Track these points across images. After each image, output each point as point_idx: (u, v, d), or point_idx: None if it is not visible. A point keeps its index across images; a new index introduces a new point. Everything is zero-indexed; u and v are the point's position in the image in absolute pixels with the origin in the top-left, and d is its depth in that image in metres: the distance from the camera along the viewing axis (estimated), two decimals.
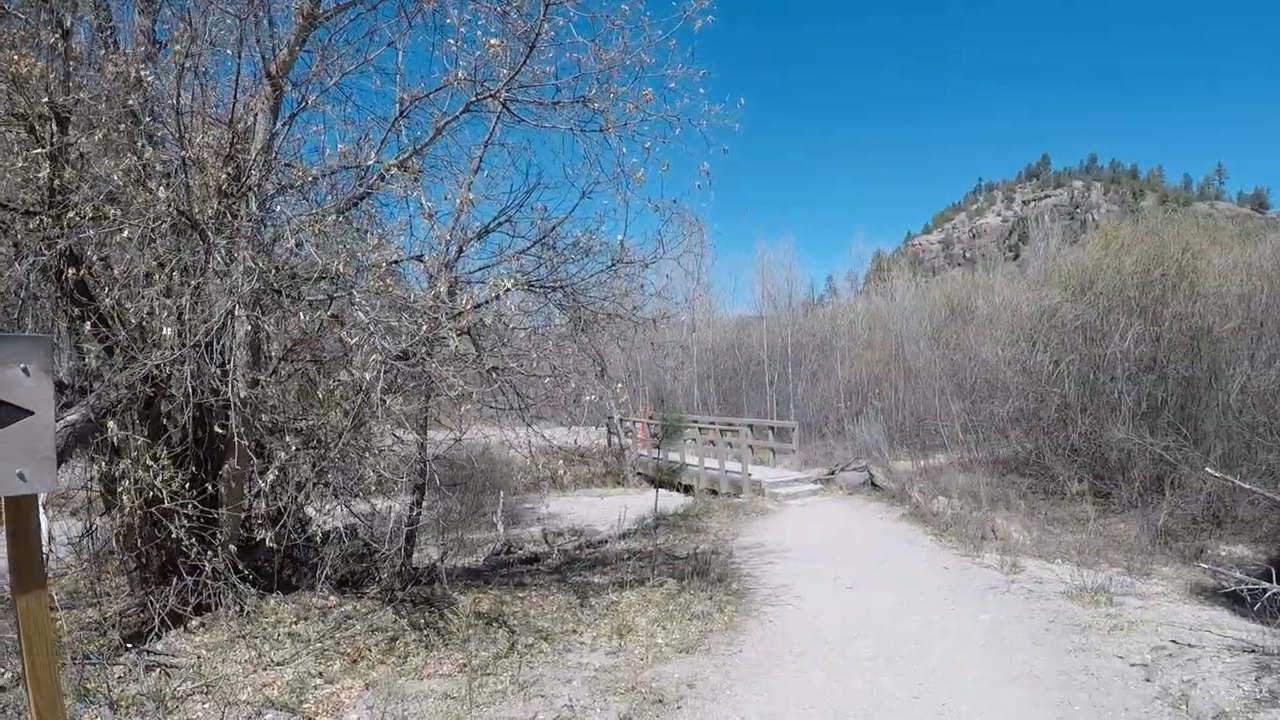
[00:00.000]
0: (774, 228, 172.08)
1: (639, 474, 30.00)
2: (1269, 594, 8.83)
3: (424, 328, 8.52)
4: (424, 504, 13.93)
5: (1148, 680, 8.18)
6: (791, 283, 43.32)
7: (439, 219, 10.93)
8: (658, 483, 15.18)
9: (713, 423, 31.25)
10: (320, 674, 8.49)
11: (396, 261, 9.69)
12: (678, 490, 25.88)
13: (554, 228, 11.25)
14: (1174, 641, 9.18)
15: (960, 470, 21.92)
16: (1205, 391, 18.76)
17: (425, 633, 9.63)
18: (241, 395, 8.92)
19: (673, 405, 37.86)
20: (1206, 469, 11.77)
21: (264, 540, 9.23)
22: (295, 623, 9.80)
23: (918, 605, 11.54)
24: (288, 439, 9.50)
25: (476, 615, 10.50)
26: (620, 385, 11.04)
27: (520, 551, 16.23)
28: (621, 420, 31.96)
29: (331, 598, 10.61)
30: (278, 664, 8.69)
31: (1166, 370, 19.31)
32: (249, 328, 8.96)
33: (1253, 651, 8.55)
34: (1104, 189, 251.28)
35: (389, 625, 9.85)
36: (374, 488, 10.27)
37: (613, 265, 11.37)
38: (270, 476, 8.98)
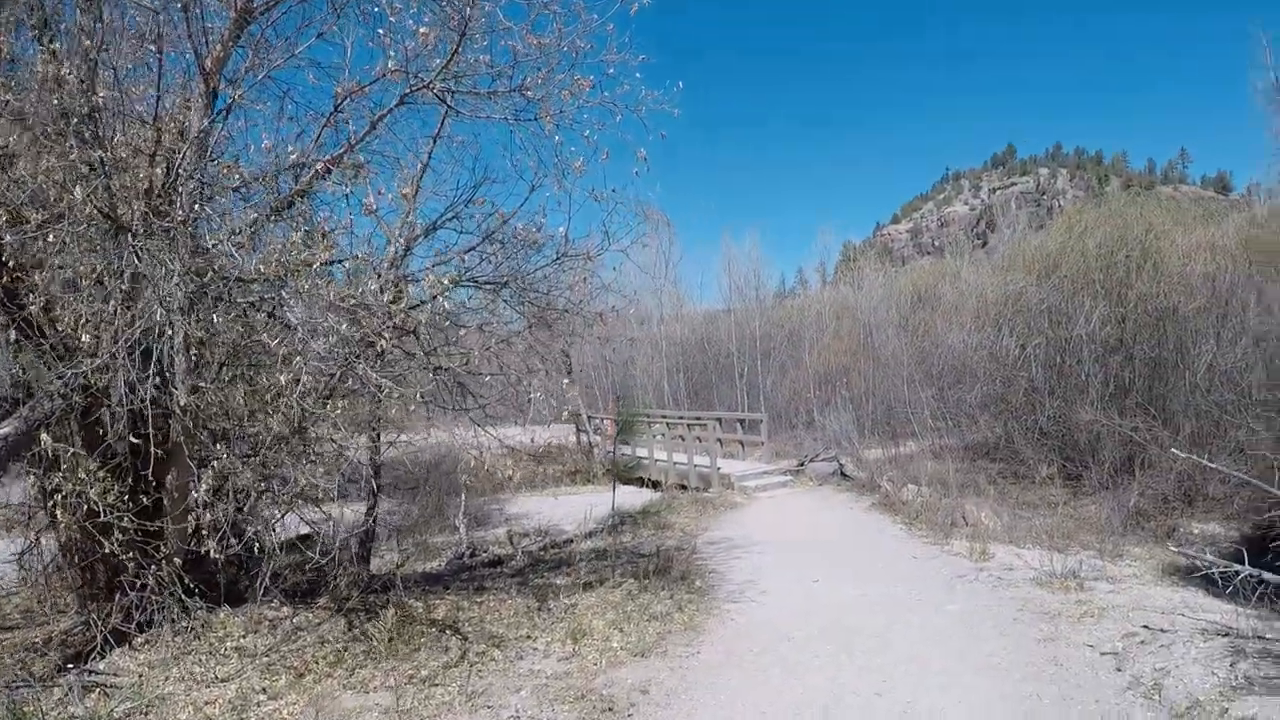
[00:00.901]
0: (741, 221, 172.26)
1: (608, 471, 29.72)
2: (1240, 575, 8.60)
3: (344, 326, 8.19)
4: (385, 508, 13.65)
5: (1119, 669, 7.94)
6: (759, 275, 43.03)
7: (386, 217, 10.67)
8: (616, 479, 14.86)
9: (681, 417, 31.00)
10: (264, 690, 8.20)
11: (335, 261, 9.37)
12: (647, 486, 25.64)
13: (504, 223, 10.95)
14: (1146, 627, 8.96)
15: (930, 457, 21.81)
16: (1172, 371, 18.69)
17: (375, 643, 9.31)
18: (181, 403, 8.64)
19: (643, 400, 37.74)
20: (1173, 450, 11.59)
21: (209, 552, 8.93)
22: (243, 636, 9.51)
23: (884, 597, 11.30)
24: (228, 446, 9.22)
25: (431, 622, 10.17)
26: (568, 381, 10.68)
27: (484, 554, 15.92)
28: (590, 417, 31.71)
29: (284, 609, 10.31)
30: (221, 680, 8.40)
31: (1133, 351, 19.22)
32: (185, 333, 8.64)
33: (1226, 635, 8.35)
34: (1069, 175, 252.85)
35: (339, 636, 9.56)
36: (321, 494, 9.99)
37: (558, 259, 11.07)
38: (204, 486, 8.65)
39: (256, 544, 9.43)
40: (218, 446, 8.88)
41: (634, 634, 9.77)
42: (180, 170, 8.52)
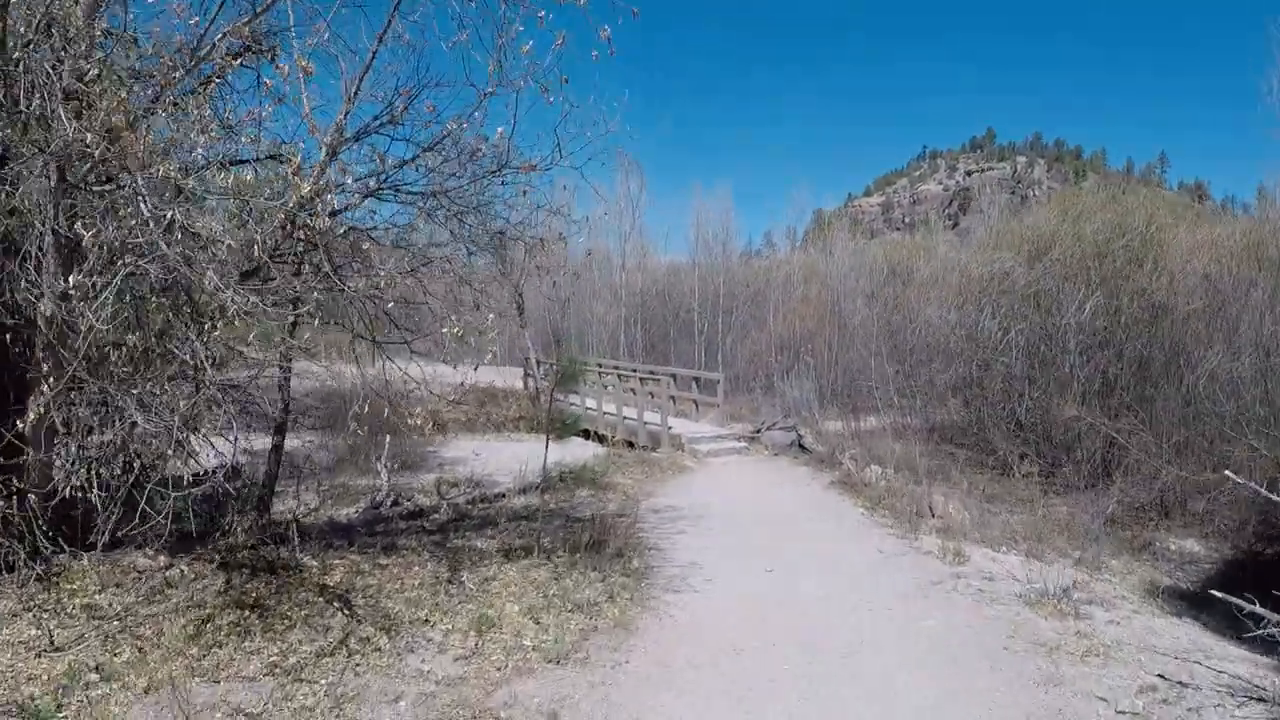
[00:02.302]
0: (711, 172, 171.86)
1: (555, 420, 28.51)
2: None
3: (215, 227, 6.69)
4: (312, 443, 12.31)
5: None
6: (728, 230, 42.31)
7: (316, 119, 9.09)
8: (550, 434, 13.53)
9: (634, 369, 29.88)
10: (98, 667, 6.71)
11: (239, 161, 7.87)
12: (593, 439, 24.53)
13: (445, 135, 9.30)
14: (1162, 677, 7.57)
15: (893, 436, 20.56)
16: (1161, 373, 17.66)
17: (247, 613, 7.84)
18: (47, 313, 7.19)
19: (597, 349, 36.78)
20: (1227, 472, 10.22)
21: (71, 489, 7.47)
22: (99, 591, 8.06)
23: (849, 600, 9.87)
24: (101, 368, 7.75)
25: (321, 589, 8.67)
26: (493, 317, 9.03)
27: (406, 504, 14.52)
28: (539, 362, 30.38)
29: (160, 558, 8.82)
30: (55, 649, 6.93)
31: (1124, 348, 18.11)
32: (54, 229, 7.17)
33: (1262, 700, 6.99)
34: (1047, 166, 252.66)
35: (210, 599, 8.09)
36: (206, 427, 8.54)
37: (499, 170, 9.44)
38: (32, 415, 7.13)
39: (105, 482, 7.94)
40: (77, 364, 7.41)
41: (552, 628, 8.25)
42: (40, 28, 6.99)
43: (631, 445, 23.26)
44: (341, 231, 8.47)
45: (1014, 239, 23.26)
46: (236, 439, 8.86)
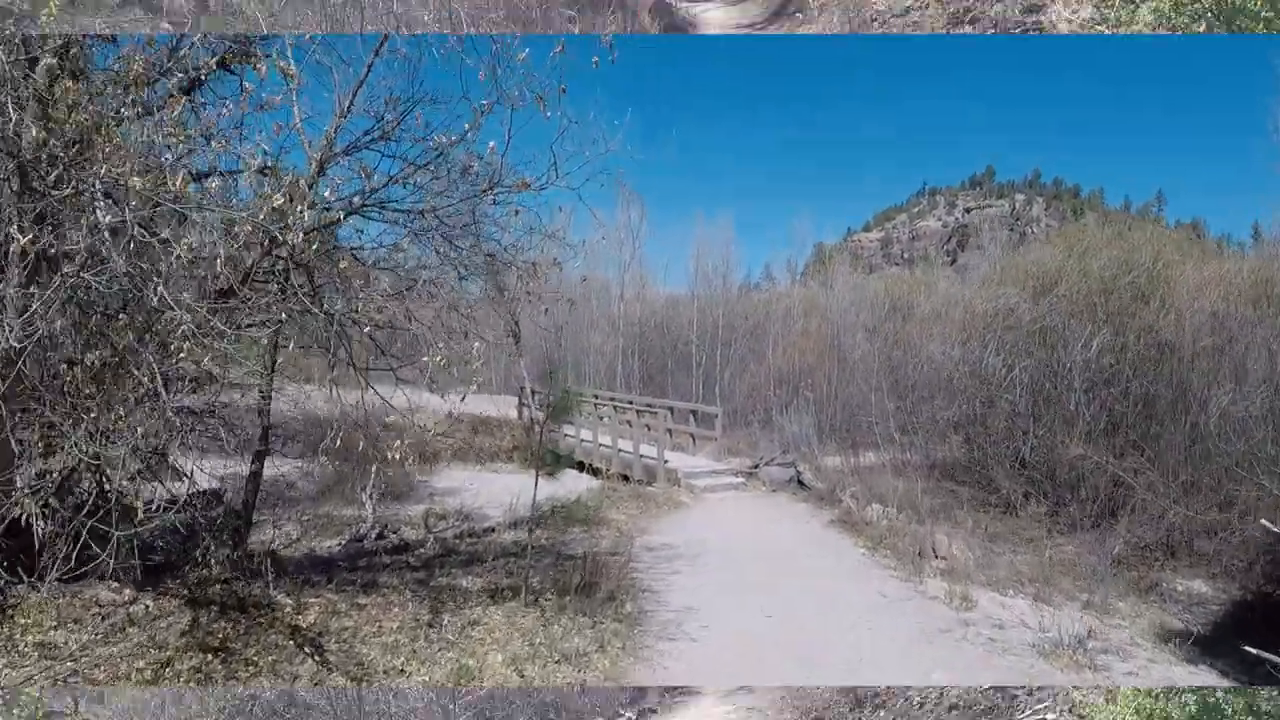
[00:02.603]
0: (713, 201, 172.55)
1: (550, 452, 28.01)
2: None
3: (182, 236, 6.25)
4: (297, 470, 11.89)
5: None
6: (728, 262, 42.30)
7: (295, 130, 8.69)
8: (539, 468, 13.11)
9: (630, 402, 29.65)
10: (47, 716, 6.25)
11: (206, 174, 7.49)
12: (586, 472, 24.07)
13: (438, 153, 8.91)
14: None
15: (893, 473, 20.22)
16: (1167, 411, 17.33)
17: (210, 657, 7.37)
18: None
19: (594, 380, 36.52)
20: (1263, 521, 9.91)
21: (24, 516, 7.02)
22: (54, 627, 7.57)
23: (854, 649, 9.41)
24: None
25: (293, 631, 8.20)
26: (478, 345, 8.57)
27: (392, 537, 14.13)
28: (534, 391, 30.01)
29: (126, 591, 8.36)
30: (2, 690, 6.46)
31: (1130, 385, 17.79)
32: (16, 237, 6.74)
33: None
34: (1045, 204, 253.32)
35: (173, 639, 7.63)
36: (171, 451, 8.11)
37: (490, 188, 9.04)
38: None
39: (54, 511, 7.49)
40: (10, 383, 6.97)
41: (537, 682, 7.78)
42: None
43: (626, 479, 22.89)
44: (318, 248, 8.05)
45: (1019, 274, 22.88)
46: (193, 469, 8.44)
